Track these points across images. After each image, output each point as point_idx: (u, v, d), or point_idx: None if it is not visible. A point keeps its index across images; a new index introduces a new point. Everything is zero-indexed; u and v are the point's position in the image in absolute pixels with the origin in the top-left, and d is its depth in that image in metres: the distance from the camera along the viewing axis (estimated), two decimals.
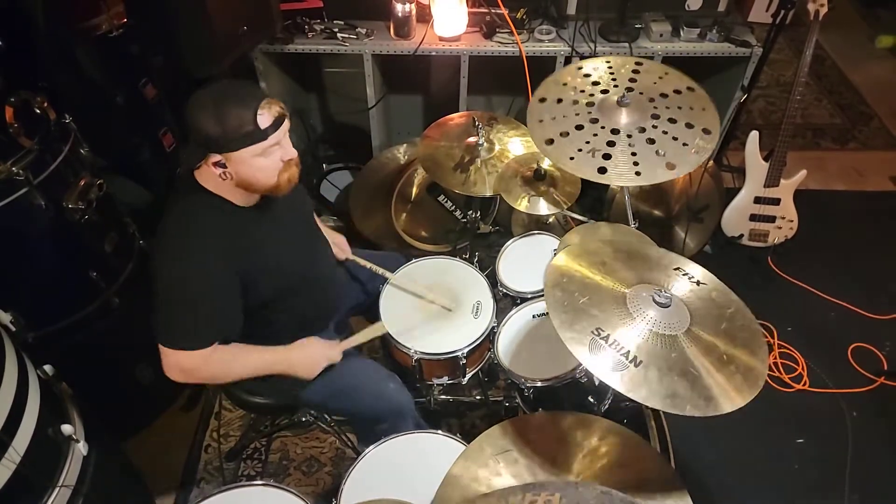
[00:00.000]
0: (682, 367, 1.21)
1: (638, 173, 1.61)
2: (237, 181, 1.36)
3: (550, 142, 1.74)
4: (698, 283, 1.42)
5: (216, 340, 1.44)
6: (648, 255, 1.48)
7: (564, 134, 1.73)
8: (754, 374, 1.24)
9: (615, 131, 1.69)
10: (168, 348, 1.41)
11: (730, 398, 1.19)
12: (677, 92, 1.74)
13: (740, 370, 1.24)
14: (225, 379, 1.54)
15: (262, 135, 1.30)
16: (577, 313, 1.28)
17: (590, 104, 1.78)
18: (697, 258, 1.59)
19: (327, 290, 1.72)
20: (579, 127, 1.74)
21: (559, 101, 1.82)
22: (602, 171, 1.64)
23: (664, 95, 1.74)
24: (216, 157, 1.31)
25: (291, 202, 1.55)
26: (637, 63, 1.85)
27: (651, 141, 1.65)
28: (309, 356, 1.59)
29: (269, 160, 1.35)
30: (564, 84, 1.86)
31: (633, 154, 1.64)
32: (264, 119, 1.30)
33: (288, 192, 1.44)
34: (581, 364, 1.36)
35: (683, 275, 1.44)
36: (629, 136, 1.67)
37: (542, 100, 1.84)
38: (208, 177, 1.38)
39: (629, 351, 1.22)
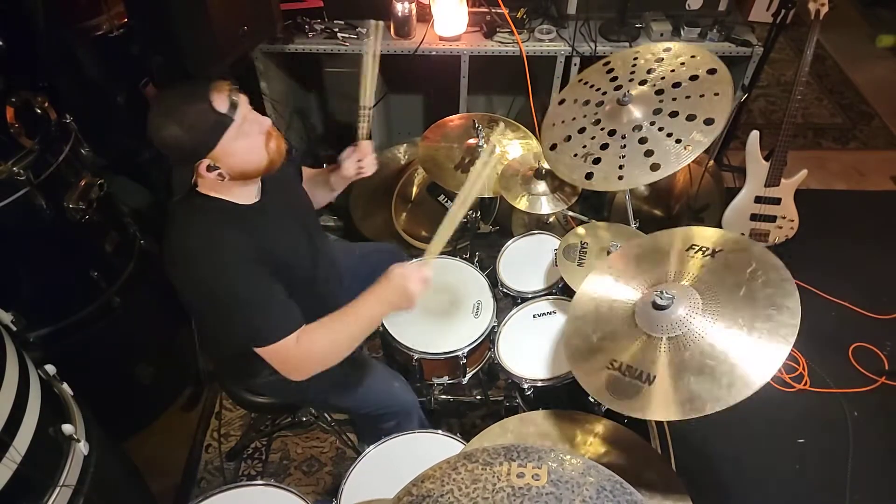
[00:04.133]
0: (697, 365, 1.18)
1: (620, 177, 1.59)
2: (235, 175, 1.34)
3: (553, 147, 1.73)
4: (713, 253, 1.35)
5: (301, 319, 1.39)
6: (657, 249, 1.45)
7: (567, 139, 1.72)
8: (783, 331, 1.17)
9: (612, 132, 1.68)
10: (270, 346, 1.35)
11: (753, 374, 1.14)
12: (694, 78, 1.66)
13: (764, 336, 1.18)
14: (339, 352, 1.43)
15: (227, 118, 1.28)
16: (592, 353, 1.26)
17: (599, 103, 1.76)
18: None
19: (331, 281, 1.72)
20: (582, 130, 1.72)
21: (574, 100, 1.81)
22: (588, 176, 1.62)
23: (677, 85, 1.67)
24: (205, 163, 1.30)
25: (288, 195, 1.56)
26: (665, 49, 1.78)
27: (643, 140, 1.63)
28: (404, 289, 1.42)
29: (251, 138, 1.33)
30: (587, 83, 1.83)
31: (622, 157, 1.62)
32: (220, 102, 1.28)
33: (281, 165, 1.42)
34: None
35: (696, 251, 1.38)
36: (623, 138, 1.66)
37: (562, 101, 1.83)
38: (207, 184, 1.37)
39: (641, 371, 1.20)
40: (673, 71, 1.71)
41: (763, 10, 2.77)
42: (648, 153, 1.61)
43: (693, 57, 1.71)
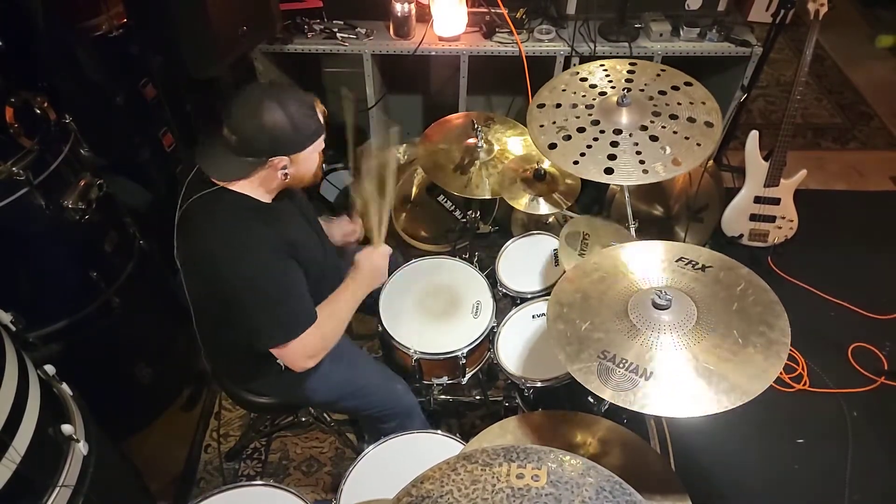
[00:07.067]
0: (696, 366, 1.19)
1: (576, 162, 1.63)
2: (294, 179, 1.43)
3: (541, 106, 1.77)
4: (703, 268, 1.38)
5: (315, 310, 1.48)
6: (643, 257, 1.46)
7: (557, 105, 1.76)
8: (775, 347, 1.20)
9: (595, 122, 1.71)
10: (291, 341, 1.43)
11: (750, 383, 1.15)
12: (691, 120, 1.71)
13: (759, 349, 1.20)
14: (338, 335, 1.57)
15: (322, 129, 1.41)
16: (581, 343, 1.26)
17: (602, 93, 1.79)
18: None
19: (336, 278, 1.73)
20: (573, 105, 1.76)
21: (584, 78, 1.85)
22: (551, 146, 1.67)
23: (674, 117, 1.72)
24: (284, 160, 1.37)
25: (293, 197, 1.59)
26: (686, 83, 1.81)
27: (615, 144, 1.66)
28: (372, 269, 1.64)
29: (316, 154, 1.44)
30: (605, 69, 1.87)
31: (588, 147, 1.66)
32: (320, 114, 1.40)
33: None
34: None
35: (686, 264, 1.40)
36: (601, 132, 1.69)
37: (576, 73, 1.87)
38: (258, 181, 1.41)
39: (638, 366, 1.20)
40: (679, 104, 1.76)
41: (762, 10, 2.78)
42: (612, 157, 1.64)
43: (704, 103, 1.75)
